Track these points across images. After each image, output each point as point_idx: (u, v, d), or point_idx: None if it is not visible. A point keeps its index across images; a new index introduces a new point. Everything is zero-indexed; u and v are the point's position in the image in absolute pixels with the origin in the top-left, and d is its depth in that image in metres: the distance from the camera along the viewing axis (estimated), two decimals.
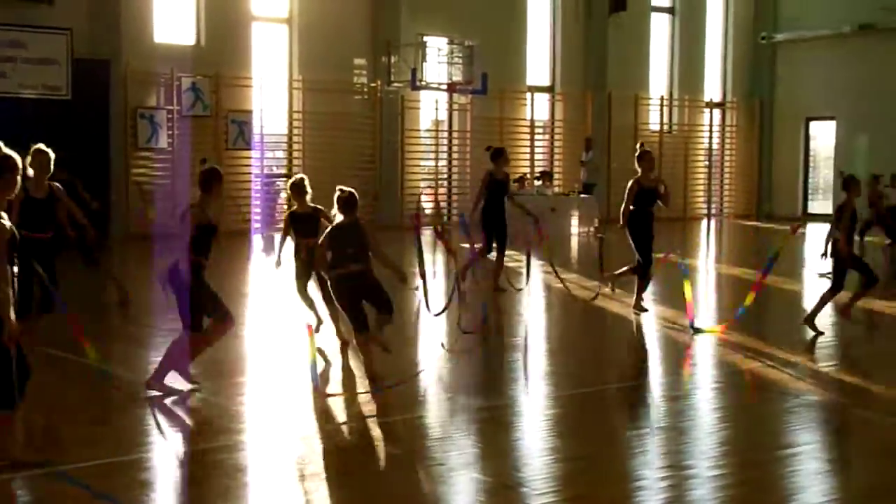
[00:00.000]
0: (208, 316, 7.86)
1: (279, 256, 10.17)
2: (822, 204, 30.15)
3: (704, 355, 10.02)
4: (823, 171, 30.83)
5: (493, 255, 13.59)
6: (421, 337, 10.90)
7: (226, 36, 21.42)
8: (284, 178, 21.05)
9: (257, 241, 20.68)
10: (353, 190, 8.63)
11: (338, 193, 8.61)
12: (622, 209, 11.81)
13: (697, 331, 10.67)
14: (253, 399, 7.95)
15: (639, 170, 11.88)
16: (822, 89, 28.73)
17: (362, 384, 8.24)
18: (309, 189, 10.10)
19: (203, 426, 7.11)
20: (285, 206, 19.17)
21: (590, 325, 11.99)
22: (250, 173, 22.14)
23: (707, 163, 29.69)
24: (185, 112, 20.92)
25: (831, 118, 29.13)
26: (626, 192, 11.83)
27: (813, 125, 30.12)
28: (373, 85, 23.61)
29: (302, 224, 10.08)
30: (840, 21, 27.89)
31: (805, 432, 7.20)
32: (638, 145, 12.70)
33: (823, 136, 30.24)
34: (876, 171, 21.11)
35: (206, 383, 8.10)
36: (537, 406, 7.94)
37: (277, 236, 10.73)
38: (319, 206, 10.06)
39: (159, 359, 7.87)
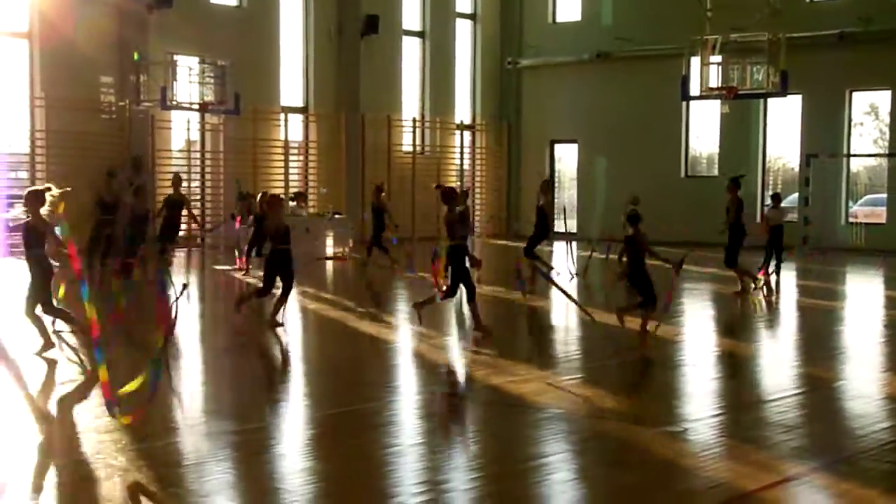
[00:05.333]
0: None
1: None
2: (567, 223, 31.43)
3: (455, 373, 10.26)
4: (568, 192, 32.24)
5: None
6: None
7: None
8: None
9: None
10: None
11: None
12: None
13: None
14: None
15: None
16: (564, 113, 30.05)
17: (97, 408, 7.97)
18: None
19: None
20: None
21: (346, 346, 12.05)
22: None
23: (459, 184, 30.40)
24: None
25: (573, 141, 30.48)
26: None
27: (557, 147, 31.42)
28: (121, 104, 22.93)
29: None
30: (580, 49, 29.25)
31: (550, 444, 7.48)
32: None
33: (567, 158, 31.60)
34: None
35: None
36: (292, 428, 7.91)
37: None
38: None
39: None
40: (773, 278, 18.67)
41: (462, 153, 30.63)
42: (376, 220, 20.20)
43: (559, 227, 31.28)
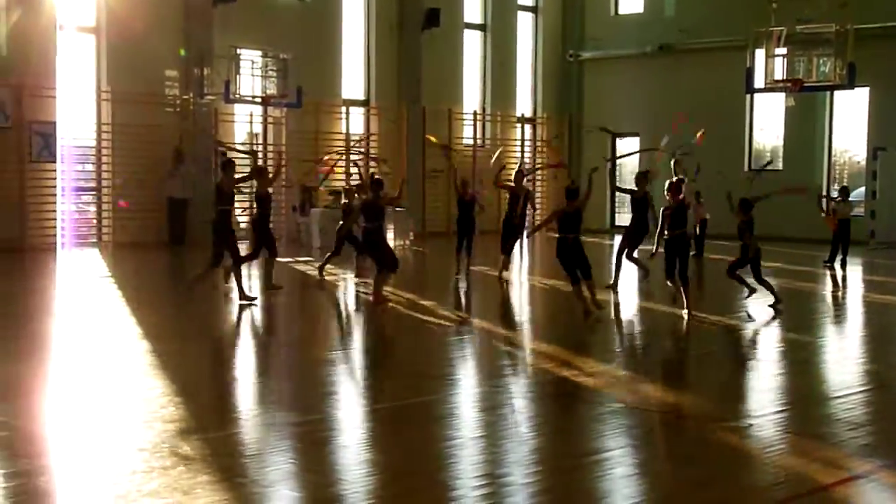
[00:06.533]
0: None
1: None
2: (628, 217, 31.17)
3: (517, 365, 10.23)
4: (629, 186, 31.89)
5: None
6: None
7: (29, 45, 20.60)
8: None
9: (65, 256, 19.99)
10: None
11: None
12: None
13: None
14: (54, 421, 7.69)
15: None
16: (626, 107, 29.81)
17: (170, 400, 8.07)
18: None
19: (1, 450, 6.82)
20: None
21: (405, 338, 12.08)
22: (56, 186, 21.37)
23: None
24: None
25: (635, 134, 30.22)
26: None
27: (619, 141, 31.16)
28: (185, 97, 23.18)
29: None
30: (642, 41, 29.01)
31: (611, 438, 7.43)
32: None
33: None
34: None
35: (5, 405, 7.82)
36: (352, 420, 7.94)
37: None
38: None
39: None
40: (839, 273, 18.41)
41: (523, 146, 30.55)
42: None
43: (620, 221, 31.20)
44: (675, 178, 13.61)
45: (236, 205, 14.60)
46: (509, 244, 16.84)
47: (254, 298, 13.48)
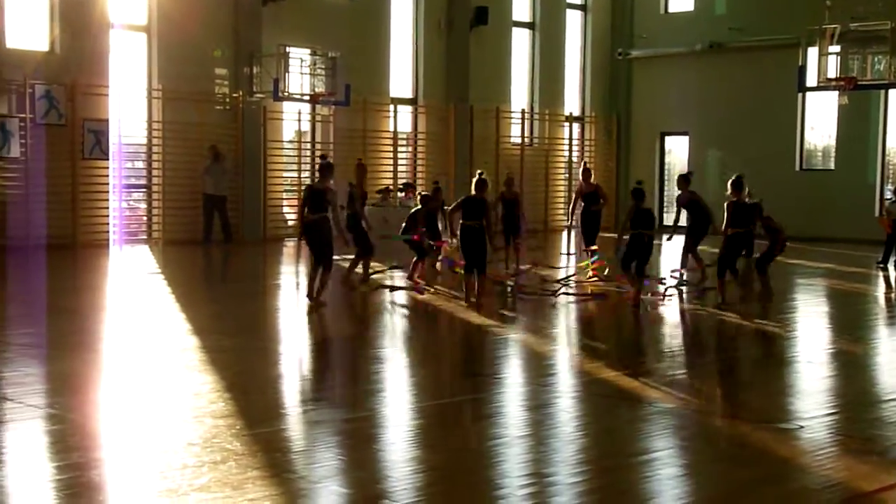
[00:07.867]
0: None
1: None
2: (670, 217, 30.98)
3: (563, 365, 10.21)
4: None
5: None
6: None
7: (82, 43, 20.86)
8: None
9: (115, 253, 20.23)
10: None
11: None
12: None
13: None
14: (108, 415, 7.79)
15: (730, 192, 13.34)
16: (675, 105, 29.59)
17: (221, 395, 8.13)
18: None
19: (55, 443, 6.92)
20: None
21: (452, 336, 12.09)
22: (108, 184, 21.62)
23: (567, 175, 30.23)
24: (39, 120, 20.29)
25: (685, 133, 30.02)
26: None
27: (668, 140, 30.99)
28: (234, 95, 23.35)
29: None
30: (692, 39, 28.79)
31: (659, 439, 7.39)
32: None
33: (678, 151, 31.13)
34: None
35: (59, 399, 7.93)
36: (399, 417, 7.96)
37: None
38: None
39: None
40: (892, 274, 18.17)
41: (571, 145, 30.45)
42: None
43: (668, 221, 30.95)
44: (735, 176, 13.55)
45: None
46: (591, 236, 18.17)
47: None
